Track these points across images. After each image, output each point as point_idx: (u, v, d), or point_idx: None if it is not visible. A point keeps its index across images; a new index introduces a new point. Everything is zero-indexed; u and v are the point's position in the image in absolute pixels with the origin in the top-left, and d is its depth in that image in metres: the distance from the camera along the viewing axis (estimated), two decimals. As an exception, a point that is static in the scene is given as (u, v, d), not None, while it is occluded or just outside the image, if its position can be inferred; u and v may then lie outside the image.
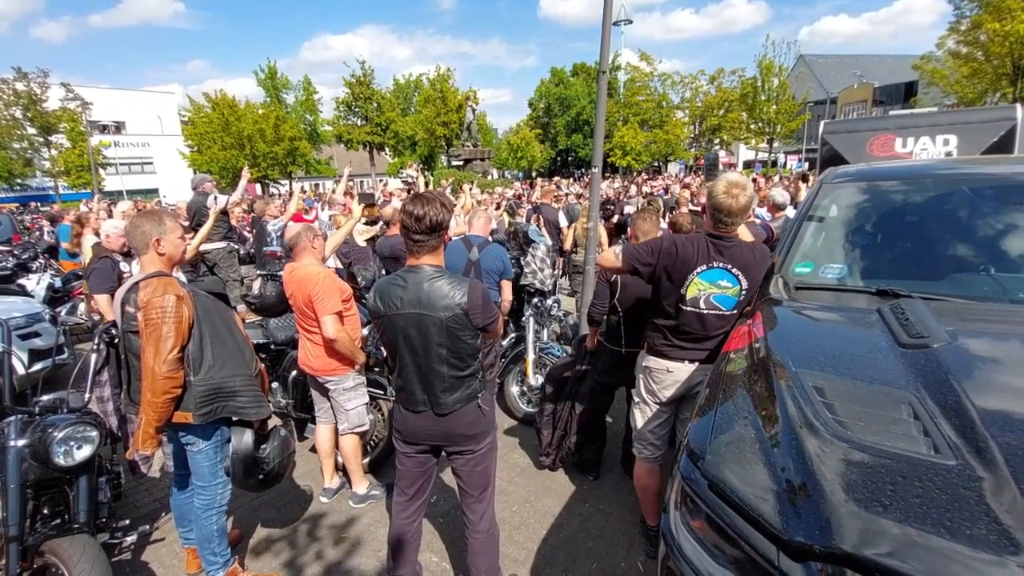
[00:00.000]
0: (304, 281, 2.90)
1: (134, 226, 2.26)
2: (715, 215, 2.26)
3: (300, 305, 2.96)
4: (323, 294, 2.84)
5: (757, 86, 30.52)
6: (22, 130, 28.43)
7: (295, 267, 3.02)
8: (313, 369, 3.07)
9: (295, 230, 3.09)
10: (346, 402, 3.11)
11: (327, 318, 2.83)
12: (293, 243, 3.05)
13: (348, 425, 3.15)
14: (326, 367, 3.03)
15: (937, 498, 1.08)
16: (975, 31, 20.46)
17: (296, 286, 2.95)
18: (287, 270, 3.08)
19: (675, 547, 1.46)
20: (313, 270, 2.93)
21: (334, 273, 3.06)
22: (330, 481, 3.34)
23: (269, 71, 34.69)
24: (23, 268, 7.18)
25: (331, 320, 2.84)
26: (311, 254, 3.04)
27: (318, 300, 2.84)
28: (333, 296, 2.87)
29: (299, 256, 3.04)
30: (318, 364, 3.04)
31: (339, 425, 3.20)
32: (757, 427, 1.43)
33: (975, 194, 2.55)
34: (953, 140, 4.58)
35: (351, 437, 3.19)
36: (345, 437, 3.18)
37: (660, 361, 2.45)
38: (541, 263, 4.78)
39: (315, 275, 2.89)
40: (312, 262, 3.02)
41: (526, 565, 2.71)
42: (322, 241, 3.16)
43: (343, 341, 2.90)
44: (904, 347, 1.60)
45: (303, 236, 3.03)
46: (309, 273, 2.91)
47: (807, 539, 1.10)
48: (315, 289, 2.84)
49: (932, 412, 1.29)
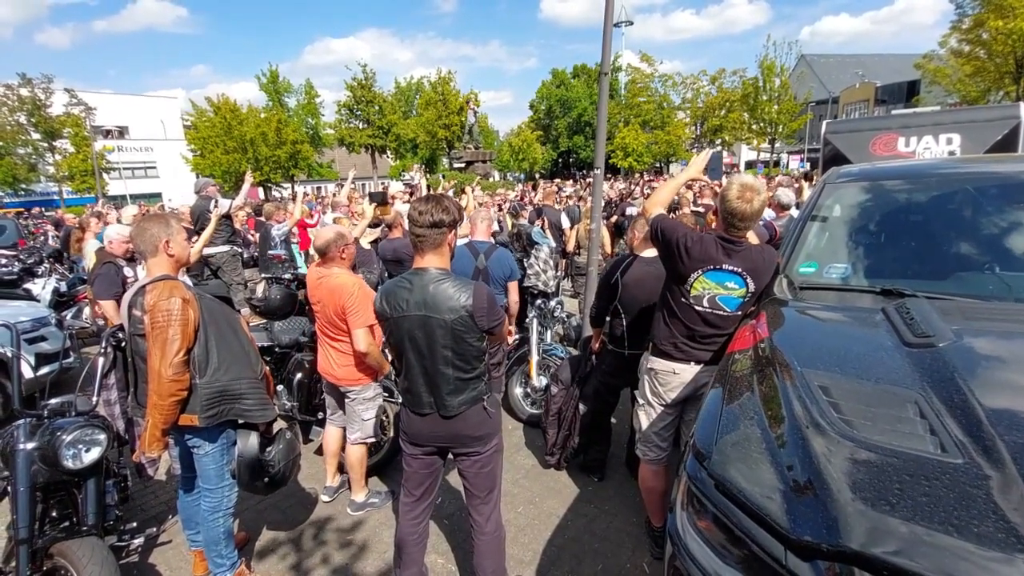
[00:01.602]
0: (338, 291, 2.84)
1: (142, 229, 2.27)
2: (727, 219, 2.22)
3: (329, 314, 2.90)
4: (358, 306, 2.78)
5: (758, 86, 30.50)
6: (27, 135, 28.66)
7: (325, 275, 2.95)
8: (337, 378, 3.05)
9: (327, 237, 2.99)
10: (364, 412, 3.10)
11: (360, 331, 2.78)
12: (323, 249, 2.97)
13: (361, 435, 3.13)
14: (350, 376, 3.01)
15: (945, 496, 1.08)
16: (977, 29, 20.41)
17: (327, 294, 2.89)
18: (313, 275, 3.02)
19: (682, 547, 1.46)
20: (346, 279, 2.88)
21: (366, 283, 3.01)
22: (332, 480, 3.36)
23: (271, 75, 34.85)
24: (29, 273, 7.22)
25: (364, 333, 2.79)
26: (340, 263, 2.98)
27: (352, 312, 2.79)
28: (367, 308, 2.77)
29: (328, 264, 2.98)
30: (342, 373, 3.01)
31: (351, 434, 3.16)
32: (763, 427, 1.44)
33: (979, 193, 2.55)
34: (956, 139, 4.58)
35: (360, 447, 3.16)
36: (354, 446, 3.16)
37: (665, 363, 2.45)
38: (544, 265, 4.79)
39: (349, 285, 2.84)
40: (343, 271, 2.96)
41: (532, 566, 2.71)
42: (353, 248, 3.09)
43: (374, 355, 2.87)
44: (909, 346, 1.60)
45: (334, 244, 2.96)
46: (343, 283, 2.85)
47: (815, 538, 1.10)
48: (350, 301, 2.79)
49: (938, 411, 1.29)
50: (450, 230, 2.05)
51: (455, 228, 2.08)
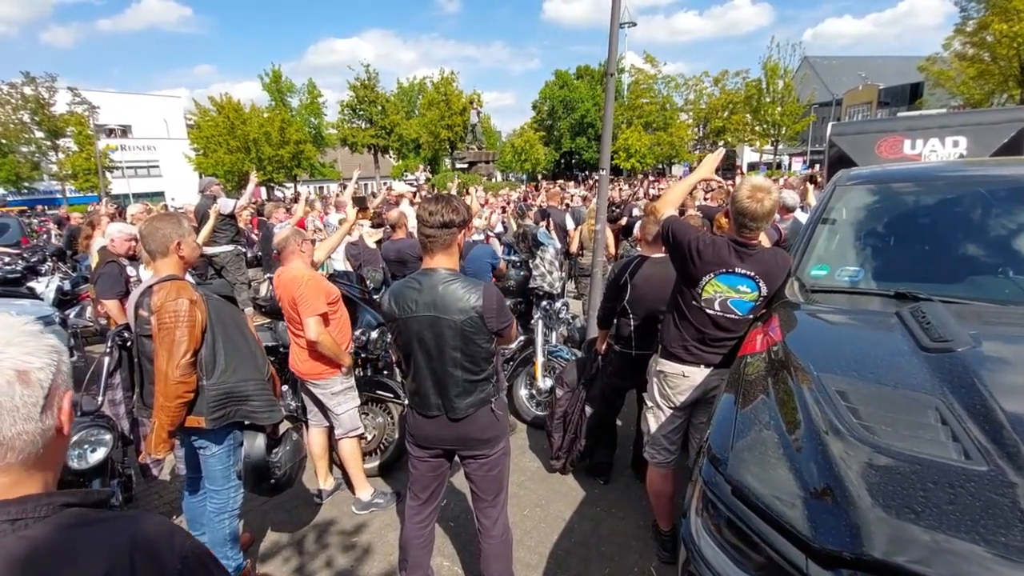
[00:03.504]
0: (289, 283, 2.88)
1: (154, 228, 2.23)
2: (739, 219, 2.20)
3: (287, 307, 2.94)
4: (306, 295, 2.81)
5: (761, 88, 30.47)
6: (30, 134, 28.66)
7: (283, 270, 3.01)
8: (300, 372, 3.05)
9: (283, 234, 3.07)
10: (336, 407, 3.07)
11: (309, 320, 2.80)
12: (281, 247, 3.03)
13: (342, 430, 3.11)
14: (312, 370, 3.01)
15: (970, 505, 1.06)
16: (982, 32, 20.39)
17: (283, 288, 2.93)
18: (276, 273, 3.07)
19: (696, 552, 1.45)
20: (298, 272, 2.91)
21: (320, 275, 3.03)
22: (324, 483, 3.33)
23: (274, 75, 34.88)
24: (32, 271, 7.22)
25: (313, 322, 2.81)
26: (299, 257, 3.01)
27: (301, 301, 2.81)
28: (317, 297, 2.84)
29: (287, 259, 3.01)
30: (304, 367, 3.02)
31: (336, 432, 3.15)
32: (780, 431, 1.42)
33: (992, 196, 2.52)
34: (963, 142, 4.55)
35: (348, 441, 3.14)
36: (342, 442, 3.14)
37: (675, 365, 2.43)
38: (550, 266, 4.77)
39: (300, 277, 2.87)
40: (299, 265, 2.99)
41: (539, 570, 2.69)
42: (311, 245, 3.13)
43: (326, 343, 2.87)
44: (927, 351, 1.58)
45: (291, 240, 3.00)
46: (295, 276, 2.89)
47: (838, 546, 1.08)
48: (299, 290, 2.82)
49: (960, 417, 1.27)
50: (460, 230, 2.03)
51: (464, 228, 2.06)
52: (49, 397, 0.71)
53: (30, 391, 0.68)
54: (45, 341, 0.72)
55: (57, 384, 0.72)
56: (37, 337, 0.72)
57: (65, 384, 0.74)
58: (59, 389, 0.73)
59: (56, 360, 0.72)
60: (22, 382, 0.68)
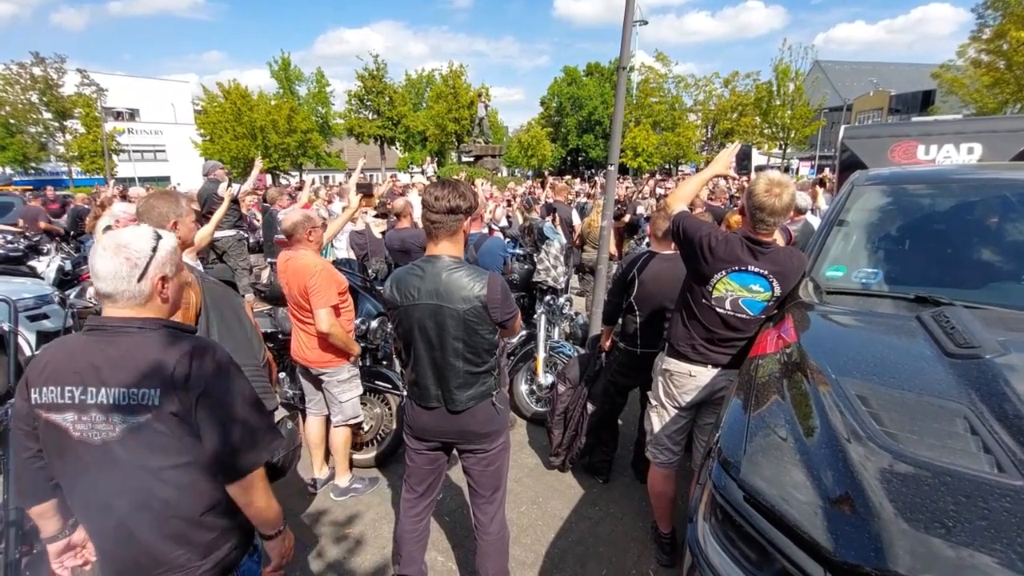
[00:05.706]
0: (301, 272, 2.83)
1: (150, 206, 2.17)
2: (755, 215, 2.13)
3: (295, 295, 2.89)
4: (319, 286, 2.77)
5: (772, 90, 30.21)
6: (38, 114, 28.63)
7: (291, 256, 2.94)
8: (308, 361, 3.01)
9: (293, 218, 3.00)
10: (340, 394, 3.06)
11: (321, 311, 2.77)
12: (290, 232, 2.96)
13: (342, 417, 3.10)
14: (321, 359, 2.98)
15: (1006, 522, 0.99)
16: (998, 40, 20.12)
17: (292, 276, 2.88)
18: (281, 259, 3.01)
19: (703, 559, 1.38)
20: (310, 260, 2.86)
21: (331, 265, 2.98)
22: (319, 471, 3.31)
23: (283, 63, 34.81)
24: (34, 250, 7.18)
25: (325, 313, 2.78)
26: (307, 245, 2.96)
27: (314, 292, 2.77)
28: (329, 289, 2.81)
29: (296, 246, 2.96)
30: (313, 356, 2.98)
31: (333, 417, 3.14)
32: (796, 436, 1.35)
33: (1015, 200, 2.44)
34: (978, 148, 4.46)
35: (343, 429, 3.15)
36: (338, 429, 3.14)
37: (682, 364, 2.36)
38: (555, 260, 4.69)
39: (312, 266, 2.82)
40: (308, 253, 2.94)
41: (534, 568, 2.63)
42: (320, 232, 3.07)
43: (337, 334, 2.84)
44: (952, 356, 1.50)
45: (301, 226, 2.94)
46: (306, 264, 2.84)
47: (859, 559, 1.01)
48: (311, 281, 2.77)
49: (991, 427, 1.20)
50: (466, 217, 1.96)
51: (471, 215, 1.99)
52: (144, 272, 1.29)
53: (128, 267, 1.27)
54: (147, 243, 1.31)
55: (151, 266, 1.30)
56: (146, 240, 1.32)
57: (161, 269, 1.33)
58: (151, 269, 1.30)
59: (150, 253, 1.30)
60: (127, 262, 1.27)
